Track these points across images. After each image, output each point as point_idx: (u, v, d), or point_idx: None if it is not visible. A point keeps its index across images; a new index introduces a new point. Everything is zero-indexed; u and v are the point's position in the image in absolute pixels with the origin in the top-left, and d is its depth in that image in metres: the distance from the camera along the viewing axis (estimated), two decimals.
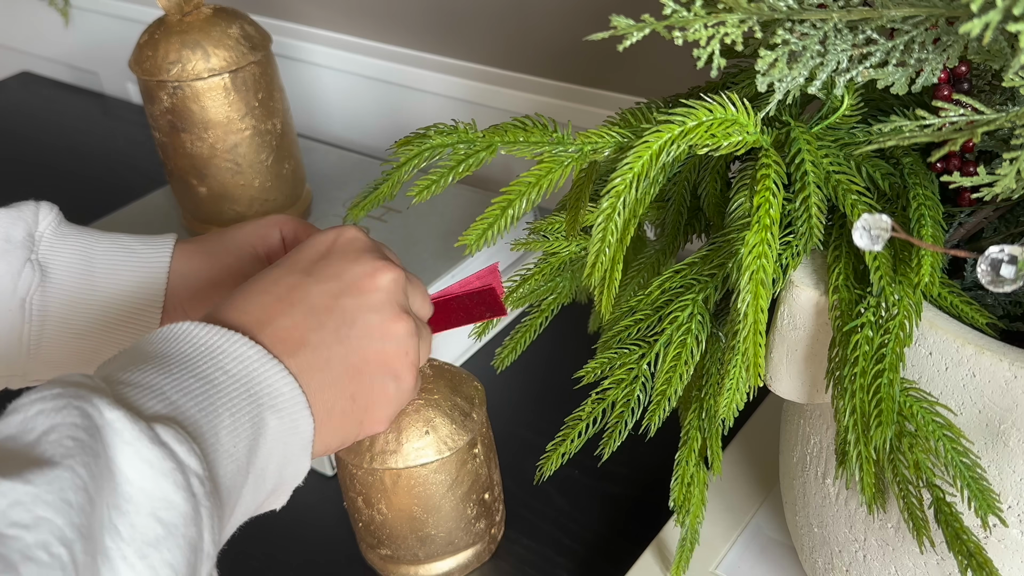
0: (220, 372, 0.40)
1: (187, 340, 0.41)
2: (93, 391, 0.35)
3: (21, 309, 0.53)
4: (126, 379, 0.38)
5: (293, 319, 0.43)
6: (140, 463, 0.34)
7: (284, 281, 0.45)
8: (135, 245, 0.56)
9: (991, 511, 0.38)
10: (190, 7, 0.81)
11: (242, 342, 0.41)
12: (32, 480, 0.31)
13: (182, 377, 0.39)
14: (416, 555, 0.63)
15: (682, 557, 0.54)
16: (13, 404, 0.35)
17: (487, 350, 0.85)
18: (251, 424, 0.40)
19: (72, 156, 1.26)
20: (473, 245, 0.47)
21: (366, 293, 0.46)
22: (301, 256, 0.47)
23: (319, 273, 0.46)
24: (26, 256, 0.53)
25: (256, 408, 0.40)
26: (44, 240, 0.54)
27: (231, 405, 0.39)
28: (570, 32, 0.92)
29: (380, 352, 0.46)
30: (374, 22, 1.08)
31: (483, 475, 0.62)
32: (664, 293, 0.47)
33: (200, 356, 0.40)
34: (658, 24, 0.40)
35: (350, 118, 1.17)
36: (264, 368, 0.41)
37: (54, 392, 0.35)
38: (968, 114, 0.39)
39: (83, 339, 0.55)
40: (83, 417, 0.34)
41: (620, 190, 0.42)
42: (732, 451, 0.69)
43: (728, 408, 0.44)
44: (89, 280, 0.54)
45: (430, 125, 0.50)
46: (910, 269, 0.39)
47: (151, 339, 0.41)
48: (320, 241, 0.47)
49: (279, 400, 0.41)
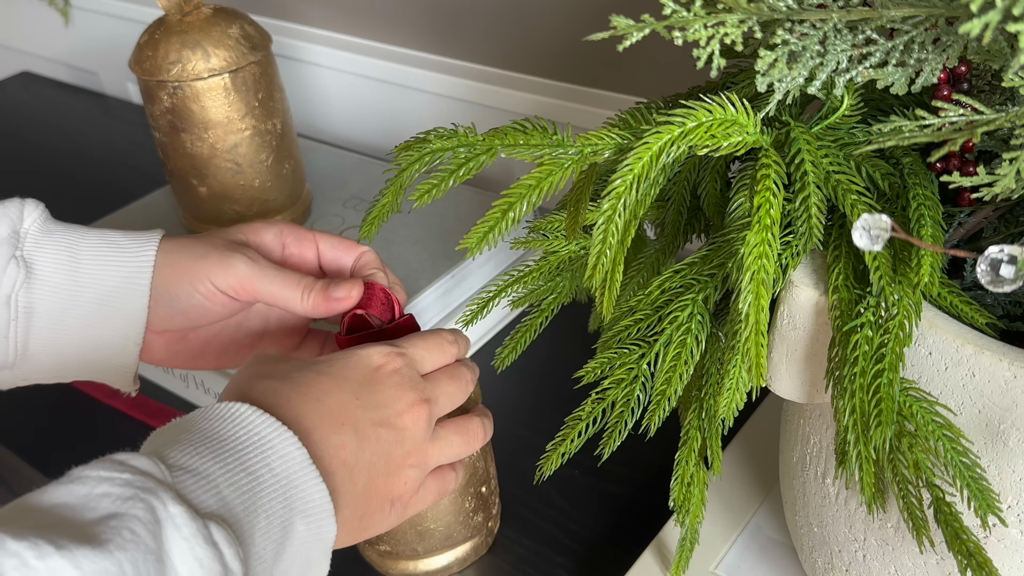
0: (266, 469, 0.42)
1: (244, 425, 0.43)
2: (160, 484, 0.37)
3: (7, 307, 0.53)
4: (183, 463, 0.40)
5: (342, 439, 0.46)
6: (192, 561, 0.36)
7: (336, 397, 0.47)
8: (121, 240, 0.55)
9: (991, 511, 0.38)
10: (190, 7, 0.81)
11: (291, 442, 0.43)
12: (82, 566, 0.32)
13: (233, 469, 0.41)
14: (415, 550, 0.63)
15: (682, 557, 0.54)
16: (77, 471, 0.37)
17: (487, 350, 0.85)
18: (281, 528, 0.41)
19: (72, 156, 1.26)
20: (474, 248, 0.47)
21: (399, 430, 0.48)
22: (349, 374, 0.48)
23: (366, 399, 0.48)
24: (11, 253, 0.53)
25: (288, 512, 0.42)
26: (29, 237, 0.54)
27: (268, 506, 0.41)
28: (570, 32, 0.92)
29: (393, 485, 0.49)
30: (374, 22, 1.08)
31: (480, 468, 0.62)
32: (664, 293, 0.47)
33: (253, 447, 0.42)
34: (658, 24, 0.40)
35: (350, 118, 1.17)
36: (304, 473, 0.43)
37: (124, 478, 0.36)
38: (968, 114, 0.39)
39: (70, 335, 0.55)
40: (147, 511, 0.36)
41: (620, 191, 0.42)
42: (732, 451, 0.69)
43: (728, 408, 0.44)
44: (74, 276, 0.54)
45: (430, 129, 0.50)
46: (910, 269, 0.40)
47: (207, 415, 0.43)
48: (367, 363, 0.49)
49: (310, 507, 0.43)
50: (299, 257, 0.60)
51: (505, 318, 0.87)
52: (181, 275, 0.55)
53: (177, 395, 0.83)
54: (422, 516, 0.61)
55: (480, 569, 0.66)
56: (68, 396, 0.84)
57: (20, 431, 0.82)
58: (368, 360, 0.49)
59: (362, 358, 0.49)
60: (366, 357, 0.50)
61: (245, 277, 0.55)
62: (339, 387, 0.47)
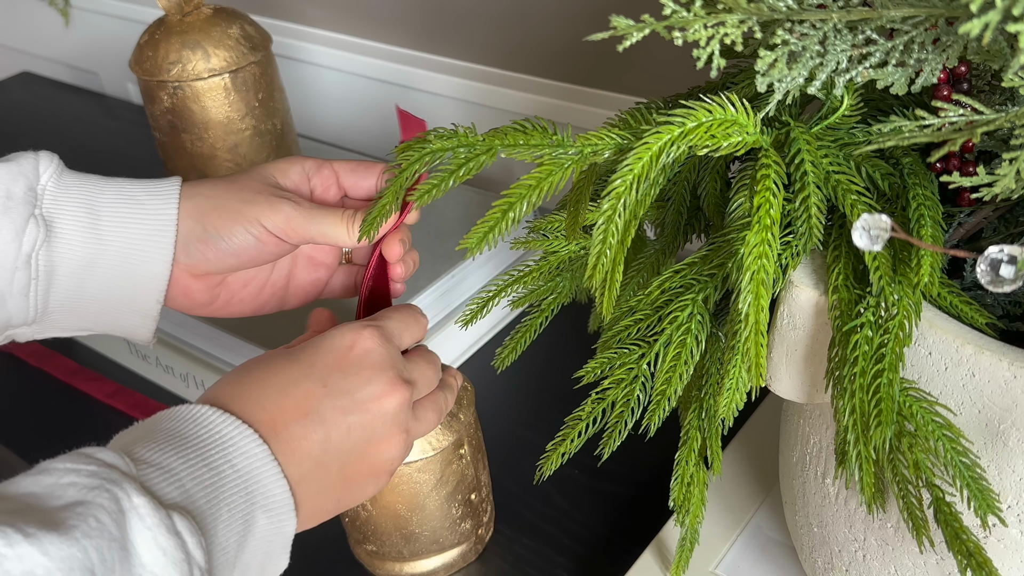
0: (227, 465, 0.42)
1: (205, 425, 0.44)
2: (125, 476, 0.38)
3: (27, 266, 0.53)
4: (147, 458, 0.41)
5: (304, 429, 0.46)
6: (156, 549, 0.37)
7: (302, 387, 0.47)
8: (140, 195, 0.55)
9: (990, 511, 0.38)
10: (190, 7, 0.81)
11: (252, 439, 0.44)
12: (49, 553, 0.33)
13: (196, 464, 0.42)
14: (401, 552, 0.63)
15: (682, 557, 0.54)
16: (44, 464, 0.38)
17: (487, 350, 0.85)
18: (243, 521, 0.42)
19: (72, 156, 1.25)
20: (474, 248, 0.47)
21: (372, 415, 0.48)
22: (318, 360, 0.48)
23: (333, 387, 0.47)
24: (29, 212, 0.53)
25: (250, 506, 0.43)
26: (47, 194, 0.54)
27: (230, 500, 0.42)
28: (570, 32, 0.92)
29: (371, 465, 0.49)
30: (374, 22, 1.08)
31: (469, 476, 0.62)
32: (664, 293, 0.47)
33: (215, 444, 0.43)
34: (658, 24, 0.40)
35: (350, 118, 1.17)
36: (265, 468, 0.43)
37: (90, 469, 0.38)
38: (968, 114, 0.39)
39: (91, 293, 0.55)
40: (112, 501, 0.37)
41: (620, 192, 0.42)
42: (732, 451, 0.69)
43: (728, 408, 0.44)
44: (95, 235, 0.54)
45: (430, 129, 0.50)
46: (910, 269, 0.40)
47: (171, 416, 0.44)
48: (337, 345, 0.49)
49: (271, 501, 0.44)
50: (324, 189, 0.59)
51: (505, 318, 0.87)
52: (233, 217, 0.55)
53: (177, 395, 0.83)
54: (407, 520, 0.61)
55: (480, 569, 0.66)
56: (68, 396, 0.84)
57: (20, 431, 0.82)
58: (340, 340, 0.49)
59: (333, 339, 0.49)
60: (338, 337, 0.49)
61: (294, 220, 0.55)
62: (306, 375, 0.47)
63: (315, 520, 0.47)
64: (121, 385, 0.84)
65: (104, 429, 0.80)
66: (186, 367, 0.80)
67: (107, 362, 0.88)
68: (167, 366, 0.82)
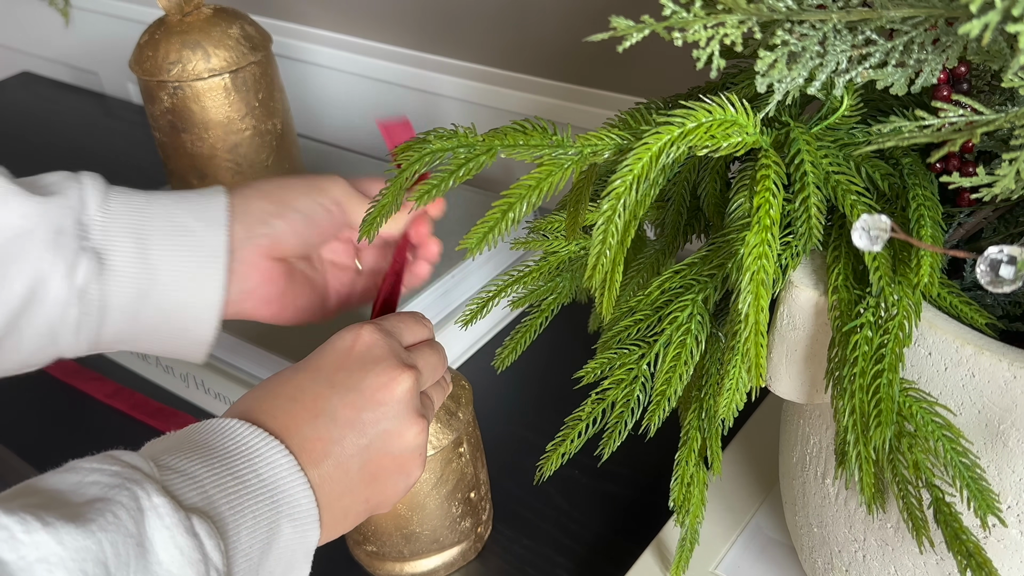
0: (253, 474, 0.43)
1: (231, 436, 0.45)
2: (147, 477, 0.39)
3: (80, 302, 0.53)
4: (172, 464, 0.42)
5: (317, 430, 0.46)
6: (173, 548, 0.38)
7: (310, 390, 0.48)
8: (189, 222, 0.56)
9: (990, 511, 0.38)
10: (190, 7, 0.81)
11: (278, 449, 0.45)
12: (64, 542, 0.35)
13: (220, 472, 0.43)
14: (401, 552, 0.63)
15: (682, 557, 0.54)
16: (73, 463, 0.40)
17: (487, 350, 0.85)
18: (268, 529, 0.43)
19: (72, 156, 1.26)
20: (474, 249, 0.47)
21: (383, 405, 0.49)
22: (323, 363, 0.49)
23: (340, 385, 0.48)
24: (78, 245, 0.53)
25: (275, 515, 0.43)
26: (95, 224, 0.54)
27: (255, 508, 0.43)
28: (570, 32, 0.92)
29: (395, 458, 0.49)
30: (374, 22, 1.08)
31: (469, 474, 0.62)
32: (664, 293, 0.47)
33: (239, 454, 0.44)
34: (657, 25, 0.40)
35: (350, 118, 1.17)
36: (291, 478, 0.44)
37: (113, 470, 0.39)
38: (967, 114, 0.39)
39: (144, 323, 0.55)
40: (132, 499, 0.38)
41: (620, 192, 0.42)
42: (732, 451, 0.69)
43: (728, 408, 0.44)
44: (145, 266, 0.54)
45: (430, 130, 0.50)
46: (909, 269, 0.40)
47: (199, 428, 0.45)
48: (339, 347, 0.50)
49: (296, 510, 0.44)
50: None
51: (505, 318, 0.87)
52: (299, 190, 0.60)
53: (177, 395, 0.83)
54: (408, 519, 0.61)
55: (480, 570, 0.66)
56: (68, 396, 0.84)
57: (20, 431, 0.82)
58: (340, 342, 0.50)
59: (334, 343, 0.50)
60: (338, 340, 0.50)
61: (344, 194, 0.60)
62: (313, 379, 0.48)
63: (344, 524, 0.48)
64: (121, 385, 0.84)
65: (104, 429, 0.81)
66: (186, 367, 0.80)
67: (107, 362, 0.88)
68: (167, 366, 0.82)
